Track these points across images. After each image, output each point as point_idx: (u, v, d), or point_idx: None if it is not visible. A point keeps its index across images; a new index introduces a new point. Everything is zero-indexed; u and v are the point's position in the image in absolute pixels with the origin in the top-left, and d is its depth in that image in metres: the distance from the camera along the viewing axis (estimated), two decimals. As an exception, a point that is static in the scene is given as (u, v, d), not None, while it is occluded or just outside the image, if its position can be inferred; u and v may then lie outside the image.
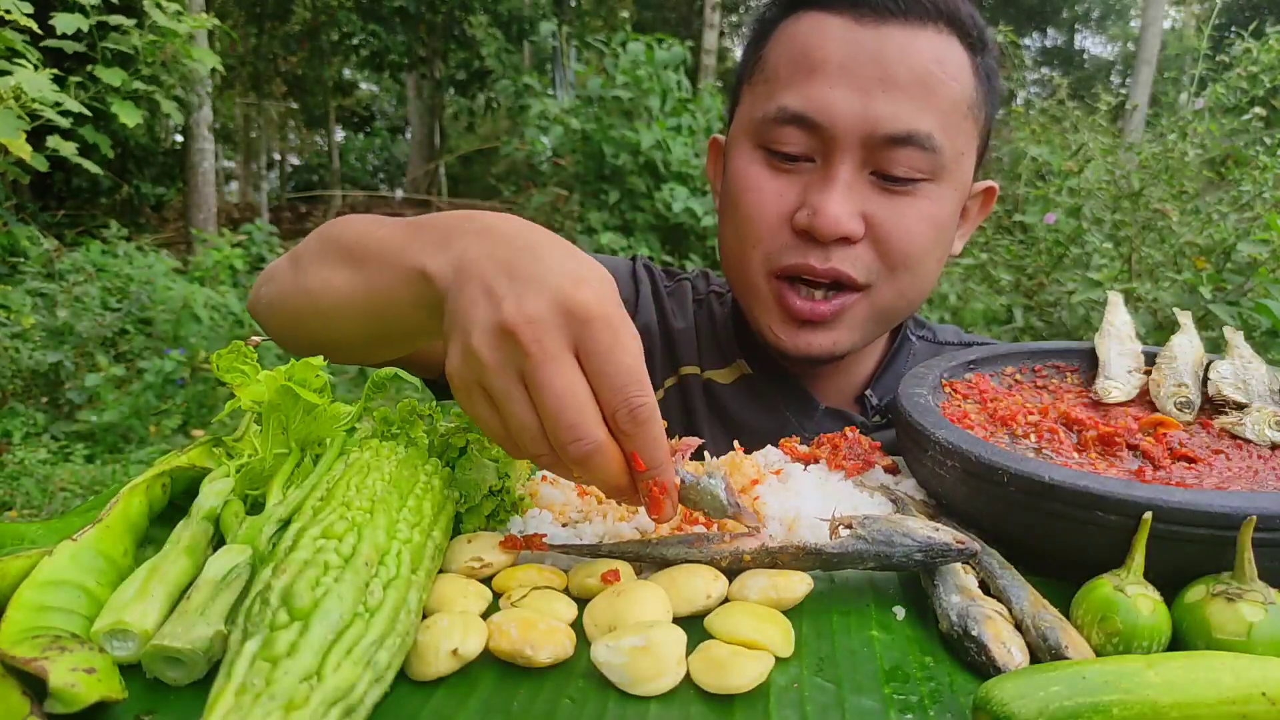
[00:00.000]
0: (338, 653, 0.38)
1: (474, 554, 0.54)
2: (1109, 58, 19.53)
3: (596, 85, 5.65)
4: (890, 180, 0.82)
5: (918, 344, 1.06)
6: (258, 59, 11.19)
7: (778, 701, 0.42)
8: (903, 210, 0.83)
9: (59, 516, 0.59)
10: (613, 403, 0.48)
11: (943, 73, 0.82)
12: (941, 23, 0.82)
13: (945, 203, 0.85)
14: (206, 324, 4.62)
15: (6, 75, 2.17)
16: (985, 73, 0.88)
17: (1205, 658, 0.42)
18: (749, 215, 0.86)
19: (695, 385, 1.01)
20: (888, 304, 0.88)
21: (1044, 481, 0.52)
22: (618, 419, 0.48)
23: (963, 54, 0.84)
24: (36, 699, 0.38)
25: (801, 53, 0.84)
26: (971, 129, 0.86)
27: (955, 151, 0.84)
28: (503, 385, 0.49)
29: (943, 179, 0.84)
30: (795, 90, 0.83)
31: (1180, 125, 3.38)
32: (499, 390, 0.49)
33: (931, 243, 0.86)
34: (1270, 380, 0.71)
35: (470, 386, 0.50)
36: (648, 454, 0.49)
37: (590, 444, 0.47)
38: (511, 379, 0.48)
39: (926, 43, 0.81)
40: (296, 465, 0.57)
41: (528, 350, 0.47)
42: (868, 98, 0.80)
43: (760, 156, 0.86)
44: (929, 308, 4.07)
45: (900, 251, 0.84)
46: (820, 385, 1.00)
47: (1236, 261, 2.80)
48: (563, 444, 0.47)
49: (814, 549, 0.51)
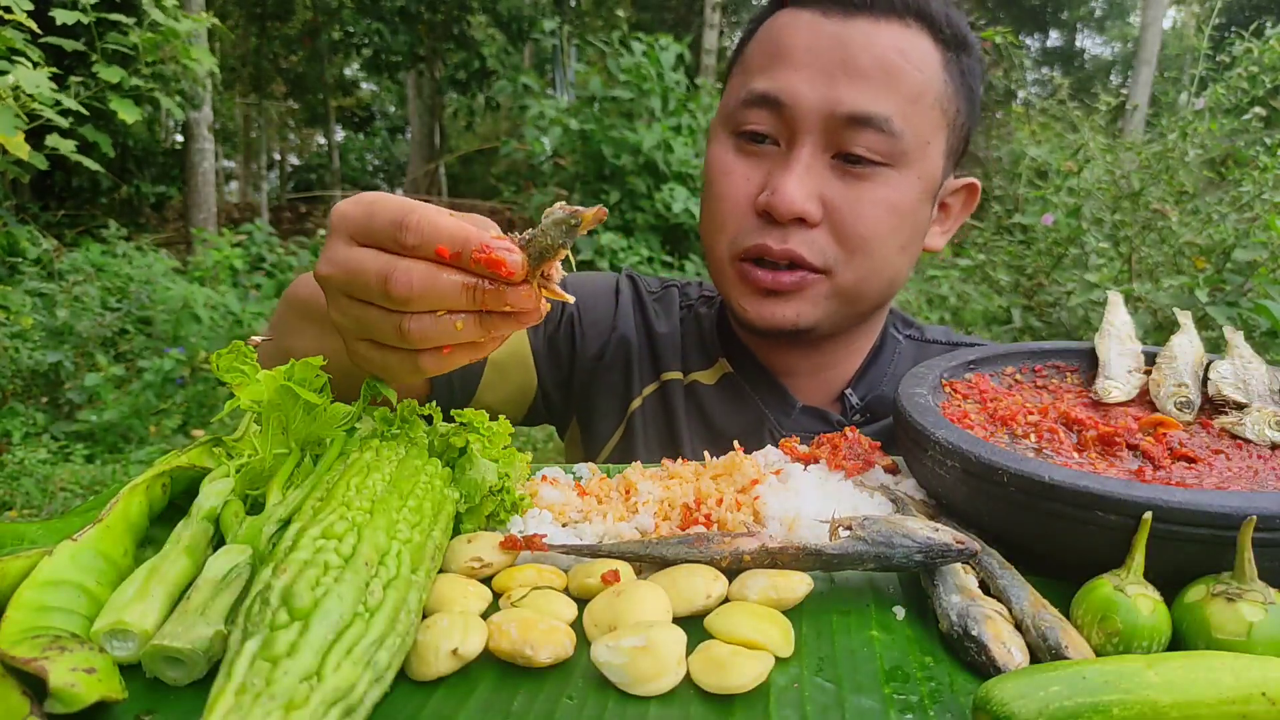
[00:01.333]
0: (338, 653, 0.38)
1: (474, 554, 0.54)
2: (1109, 58, 19.53)
3: (597, 85, 5.65)
4: (850, 163, 0.84)
5: (904, 343, 1.06)
6: (258, 59, 11.19)
7: (778, 701, 0.42)
8: (860, 194, 0.85)
9: (59, 516, 0.59)
10: (423, 250, 0.50)
11: (905, 62, 0.84)
12: (910, 17, 0.85)
13: (906, 190, 0.86)
14: (207, 324, 4.62)
15: (5, 74, 2.17)
16: (961, 70, 0.89)
17: (1205, 658, 0.42)
18: (718, 197, 0.90)
19: (677, 390, 1.02)
20: (849, 286, 0.89)
21: (1044, 481, 0.52)
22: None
23: (931, 47, 0.86)
24: (36, 699, 0.38)
25: (774, 43, 0.88)
26: (938, 120, 0.87)
27: (918, 140, 0.85)
28: (350, 315, 0.53)
29: (903, 165, 0.85)
30: (764, 75, 0.87)
31: (1180, 125, 3.38)
32: (340, 320, 0.54)
33: (889, 228, 0.87)
34: (1270, 380, 0.71)
35: (354, 345, 0.55)
36: (451, 240, 0.49)
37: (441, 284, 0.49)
38: (342, 299, 0.53)
39: (891, 34, 0.84)
40: (296, 465, 0.57)
41: (325, 275, 0.53)
42: (830, 81, 0.83)
43: (731, 142, 0.90)
44: (929, 308, 4.07)
45: (857, 235, 0.85)
46: (799, 384, 1.00)
47: (1236, 261, 2.80)
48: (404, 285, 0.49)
49: (814, 550, 0.51)
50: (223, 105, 10.32)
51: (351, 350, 0.56)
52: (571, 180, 5.89)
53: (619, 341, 1.03)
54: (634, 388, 1.03)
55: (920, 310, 4.11)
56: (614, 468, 0.73)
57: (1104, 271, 3.24)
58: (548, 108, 5.90)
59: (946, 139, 0.90)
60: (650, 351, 1.04)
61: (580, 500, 0.64)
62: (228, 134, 12.85)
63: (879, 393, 1.00)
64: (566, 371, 1.04)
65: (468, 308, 0.50)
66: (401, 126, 16.17)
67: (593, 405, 1.04)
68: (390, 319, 0.51)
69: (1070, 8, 17.39)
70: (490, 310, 0.50)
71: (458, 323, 0.51)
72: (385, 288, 0.50)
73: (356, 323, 0.53)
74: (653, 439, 1.00)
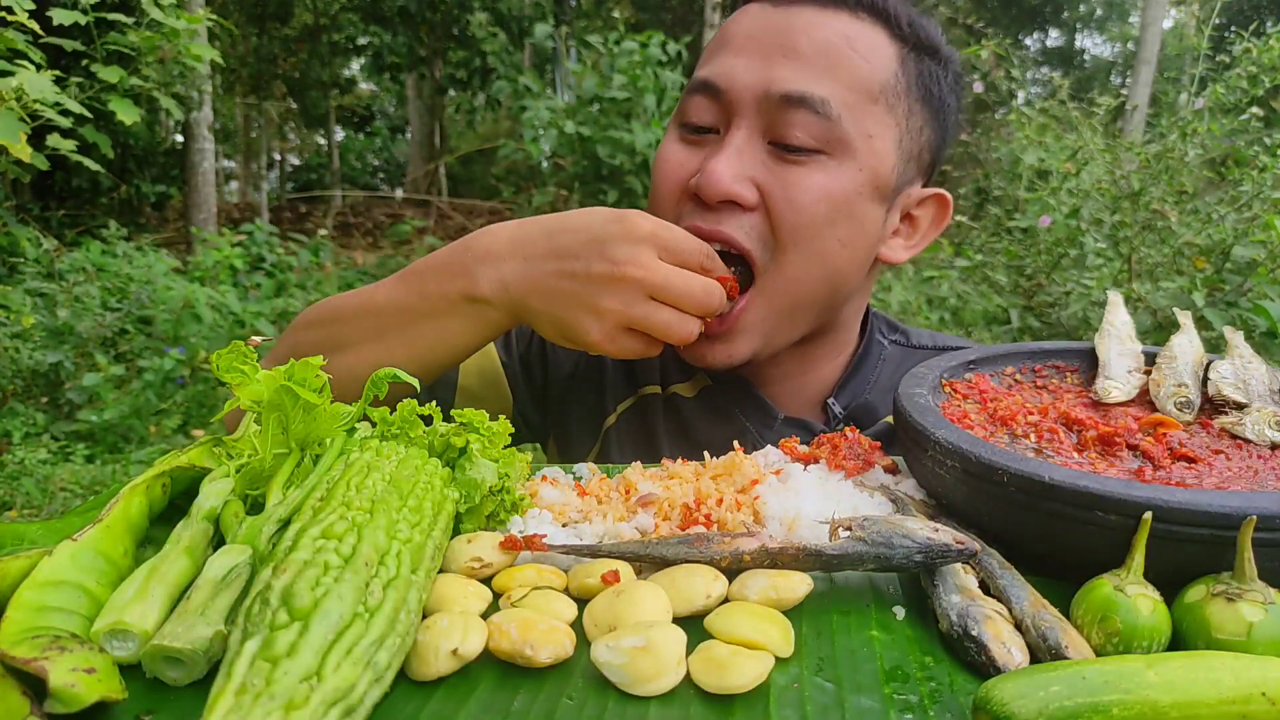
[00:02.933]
0: (338, 653, 0.38)
1: (474, 554, 0.54)
2: (1109, 58, 19.53)
3: (591, 85, 5.65)
4: (786, 149, 0.82)
5: (890, 349, 1.03)
6: (258, 59, 11.19)
7: (778, 701, 0.42)
8: (796, 179, 0.82)
9: (59, 516, 0.59)
10: (696, 261, 0.77)
11: (850, 49, 0.82)
12: (861, 11, 0.84)
13: (845, 180, 0.83)
14: (208, 324, 4.62)
15: (8, 76, 2.17)
16: (921, 72, 0.86)
17: (1205, 658, 0.42)
18: (657, 187, 0.90)
19: (655, 404, 0.99)
20: (783, 291, 0.85)
21: (1044, 481, 0.52)
22: (703, 266, 0.78)
23: (884, 40, 0.84)
24: (36, 699, 0.38)
25: (722, 35, 0.89)
26: (884, 116, 0.84)
27: (859, 131, 0.82)
28: (641, 311, 0.75)
29: (842, 155, 0.82)
30: (707, 65, 0.88)
31: (1180, 125, 3.38)
32: (640, 315, 0.75)
33: (825, 218, 0.83)
34: (1270, 380, 0.71)
35: (614, 334, 0.76)
36: (719, 269, 0.80)
37: (715, 289, 0.78)
38: (643, 301, 0.75)
39: (837, 22, 0.84)
40: (296, 465, 0.57)
41: (641, 278, 0.74)
42: (767, 63, 0.83)
43: (676, 133, 0.90)
44: (928, 308, 4.07)
45: (789, 223, 0.82)
46: (779, 393, 0.97)
47: (1235, 261, 2.80)
48: (701, 303, 0.76)
49: (814, 550, 0.51)
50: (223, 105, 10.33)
51: (611, 351, 0.78)
52: (570, 180, 5.89)
53: (591, 357, 1.01)
54: (608, 404, 1.01)
55: (920, 310, 4.11)
56: (614, 468, 0.73)
57: (1104, 272, 3.24)
58: (544, 109, 5.89)
59: (898, 139, 0.86)
60: (626, 365, 1.02)
61: (580, 500, 0.64)
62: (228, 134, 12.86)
63: (863, 401, 0.97)
64: (540, 388, 1.02)
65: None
66: (401, 126, 16.16)
67: (568, 422, 1.02)
68: (676, 322, 0.77)
69: (1070, 8, 17.39)
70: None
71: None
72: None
73: (643, 318, 0.75)
74: (629, 455, 0.96)
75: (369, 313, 0.82)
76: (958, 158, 5.66)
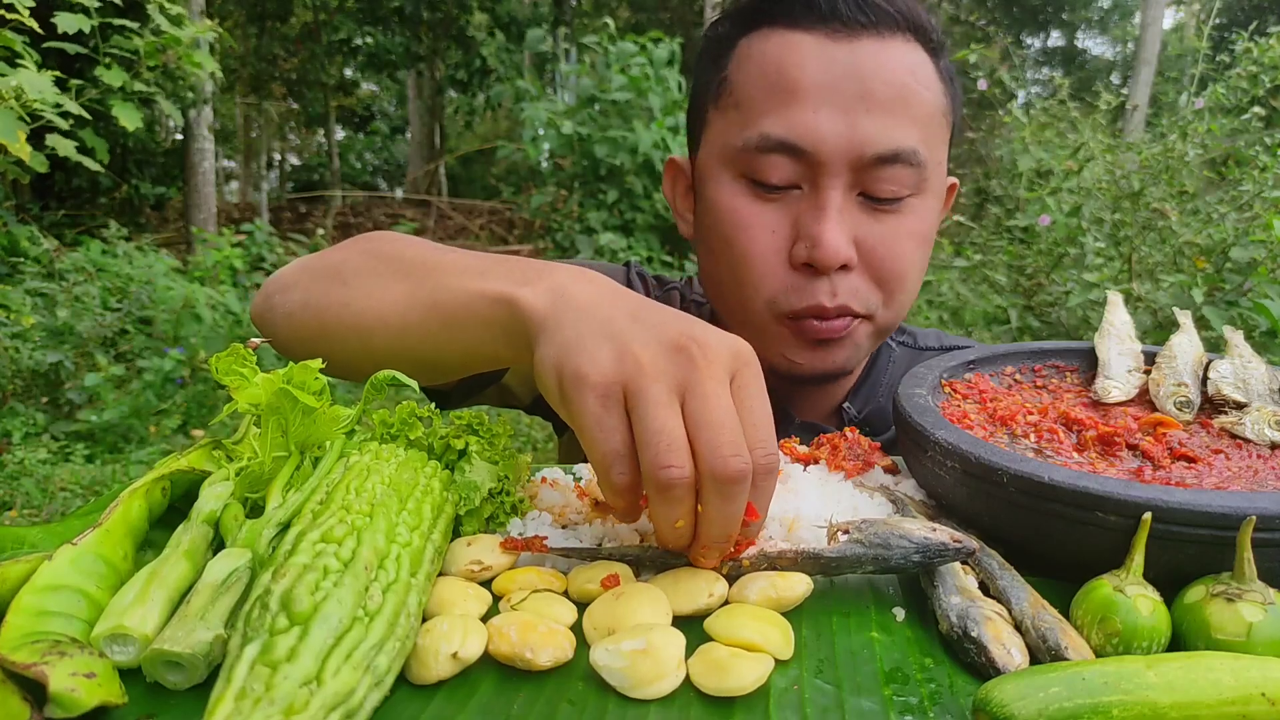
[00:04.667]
0: (337, 657, 0.38)
1: (474, 557, 0.54)
2: (1110, 58, 19.52)
3: (589, 86, 5.65)
4: (877, 201, 0.81)
5: (898, 350, 1.04)
6: (258, 60, 11.19)
7: (778, 704, 0.42)
8: (892, 229, 0.82)
9: (59, 518, 0.59)
10: (752, 440, 0.49)
11: (917, 83, 0.81)
12: (908, 31, 0.81)
13: (929, 215, 0.85)
14: (208, 324, 4.62)
15: (6, 76, 2.17)
16: (948, 75, 0.87)
17: (1205, 658, 0.42)
18: (745, 255, 0.83)
19: None
20: (886, 324, 0.89)
21: (1044, 482, 0.52)
22: (755, 457, 0.49)
23: (929, 61, 0.84)
24: (36, 704, 0.38)
25: (776, 74, 0.80)
26: (945, 135, 0.86)
27: (935, 161, 0.84)
28: (658, 391, 0.49)
29: (925, 191, 0.84)
30: (775, 116, 0.79)
31: (1180, 125, 3.38)
32: (653, 395, 0.49)
33: (920, 258, 0.86)
34: (1270, 380, 0.71)
35: (611, 390, 0.50)
36: (762, 503, 0.51)
37: (745, 464, 0.47)
38: (670, 387, 0.49)
39: (898, 54, 0.80)
40: (296, 468, 0.57)
41: (697, 364, 0.50)
42: (852, 117, 0.78)
43: (743, 187, 0.83)
44: (929, 308, 4.07)
45: (892, 273, 0.84)
46: (799, 400, 0.97)
47: (1235, 261, 2.80)
48: (722, 457, 0.47)
49: (812, 554, 0.51)
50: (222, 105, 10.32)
51: (584, 405, 0.51)
52: (570, 180, 5.89)
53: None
54: None
55: (920, 310, 4.11)
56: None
57: (1104, 271, 3.24)
58: (542, 111, 5.89)
59: (948, 149, 0.89)
60: None
61: (580, 502, 0.64)
62: (228, 134, 12.86)
63: (876, 405, 0.98)
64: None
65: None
66: (401, 126, 16.16)
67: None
68: (666, 441, 0.48)
69: (1071, 8, 17.39)
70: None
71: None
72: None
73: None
74: None
75: (425, 266, 0.71)
76: (958, 157, 5.66)
